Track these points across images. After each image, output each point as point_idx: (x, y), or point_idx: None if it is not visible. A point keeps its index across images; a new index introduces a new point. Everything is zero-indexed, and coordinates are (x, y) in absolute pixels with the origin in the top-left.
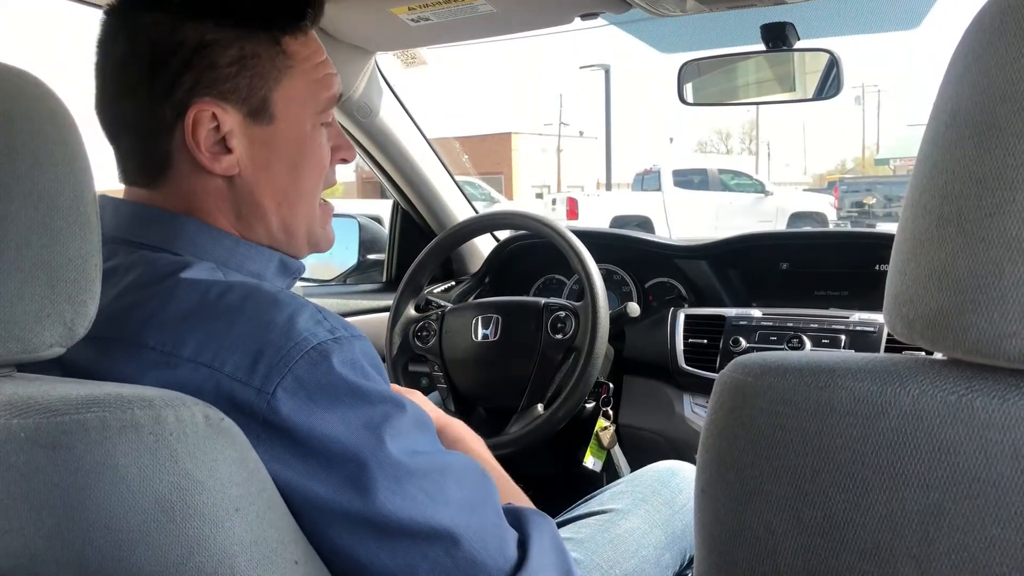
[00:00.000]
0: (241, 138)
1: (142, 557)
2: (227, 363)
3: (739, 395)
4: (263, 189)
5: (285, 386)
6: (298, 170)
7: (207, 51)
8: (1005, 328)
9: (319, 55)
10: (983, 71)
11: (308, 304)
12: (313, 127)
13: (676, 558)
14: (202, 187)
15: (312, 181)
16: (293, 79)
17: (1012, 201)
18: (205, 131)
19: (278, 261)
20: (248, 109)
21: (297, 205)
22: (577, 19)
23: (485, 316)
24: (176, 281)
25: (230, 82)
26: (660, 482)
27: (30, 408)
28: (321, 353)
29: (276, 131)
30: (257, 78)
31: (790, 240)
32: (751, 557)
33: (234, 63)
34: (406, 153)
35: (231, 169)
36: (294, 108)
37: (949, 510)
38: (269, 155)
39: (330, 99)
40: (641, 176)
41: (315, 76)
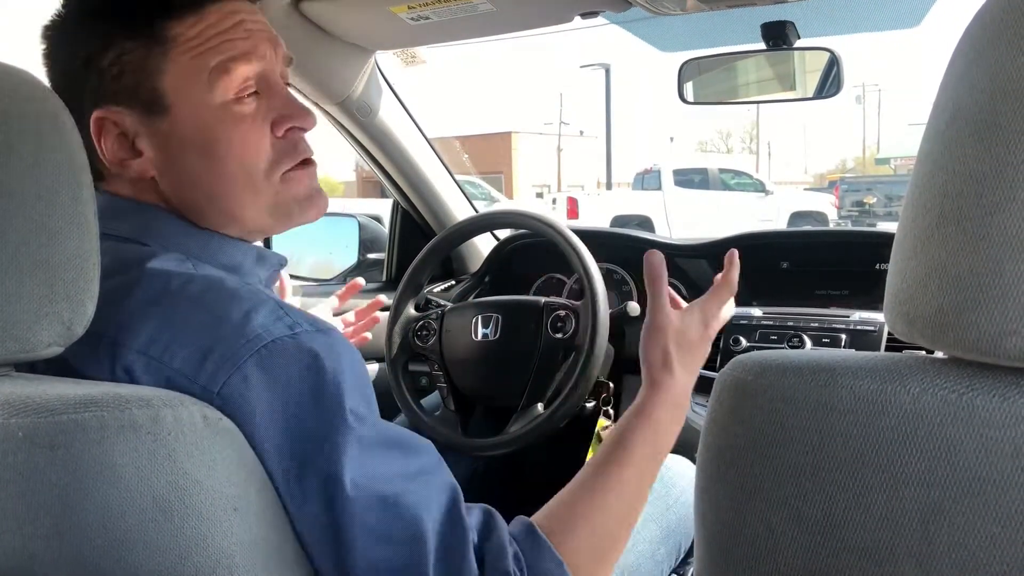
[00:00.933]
0: (147, 139)
1: (140, 557)
2: (176, 357)
3: (739, 394)
4: (184, 185)
5: (232, 384)
6: (213, 155)
7: (92, 62)
8: (1006, 326)
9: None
10: (984, 69)
11: (270, 300)
12: (223, 102)
13: (671, 552)
14: (137, 191)
15: (240, 163)
16: (174, 61)
17: (1012, 199)
18: (111, 138)
19: (255, 253)
20: (141, 106)
21: (230, 194)
22: (577, 18)
23: (485, 315)
24: (140, 271)
25: (115, 84)
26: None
27: (28, 408)
28: (272, 352)
29: (176, 120)
30: (137, 73)
31: (790, 239)
32: (751, 555)
33: (113, 64)
34: (406, 152)
35: (145, 172)
36: (186, 89)
37: (949, 508)
38: (178, 147)
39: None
40: (641, 175)
41: (205, 47)
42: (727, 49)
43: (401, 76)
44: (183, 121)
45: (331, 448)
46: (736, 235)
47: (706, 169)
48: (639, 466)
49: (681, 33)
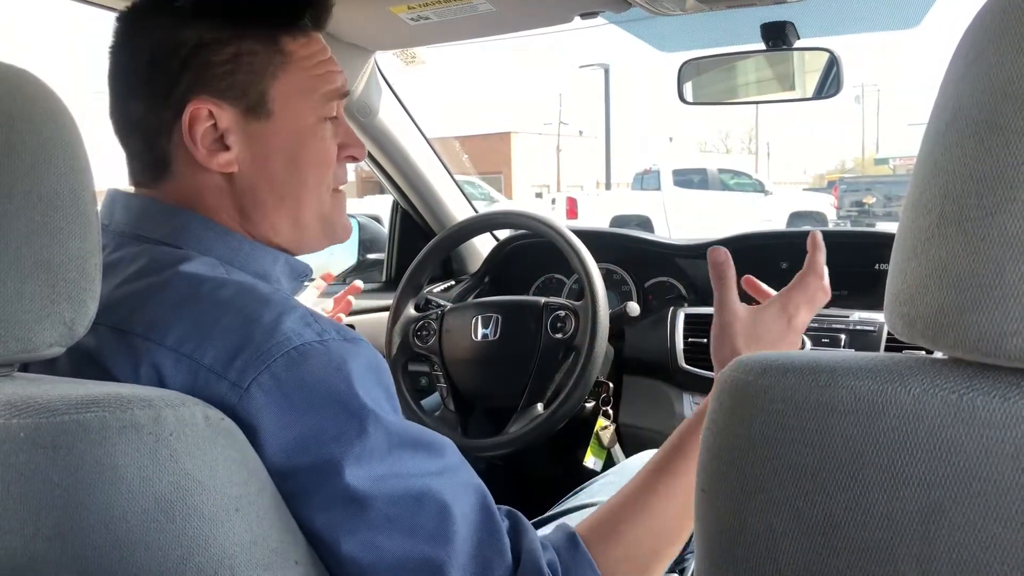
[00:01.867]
0: (239, 135)
1: (142, 557)
2: (207, 355)
3: (739, 394)
4: (263, 185)
5: (260, 383)
6: (298, 164)
7: (203, 51)
8: (1006, 327)
9: (321, 55)
10: (984, 70)
11: (301, 306)
12: (316, 122)
13: None
14: (203, 185)
15: (315, 175)
16: (291, 74)
17: (1013, 200)
18: (202, 129)
19: (283, 262)
20: (246, 105)
21: (302, 199)
22: (577, 18)
23: (485, 315)
24: (173, 273)
25: (226, 80)
26: None
27: (30, 408)
28: (303, 354)
29: (274, 126)
30: (253, 74)
31: (790, 239)
32: (751, 556)
33: (229, 61)
34: (406, 152)
35: (229, 166)
36: (293, 102)
37: (950, 509)
38: (268, 150)
39: (331, 92)
40: (641, 176)
41: (315, 72)
42: (727, 49)
43: (401, 76)
44: (280, 128)
45: (357, 447)
46: (735, 235)
47: (705, 169)
48: (693, 477)
49: (681, 33)
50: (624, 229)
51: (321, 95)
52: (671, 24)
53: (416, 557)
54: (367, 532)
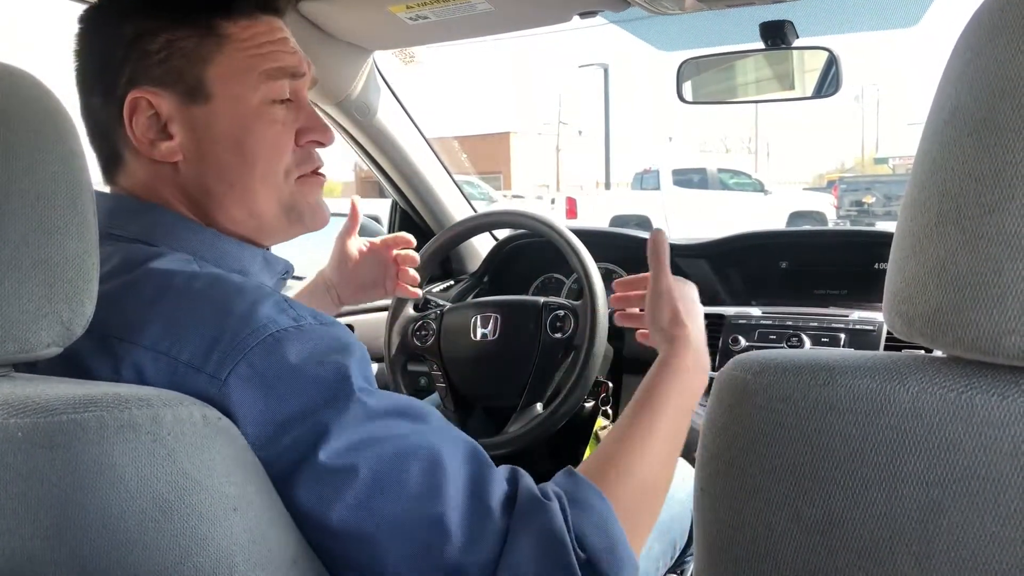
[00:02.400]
0: (181, 123)
1: (140, 557)
2: (184, 351)
3: (738, 393)
4: (210, 172)
5: (239, 373)
6: (244, 149)
7: (140, 41)
8: (1004, 325)
9: (266, 36)
10: (982, 68)
11: (274, 294)
12: (260, 104)
13: (667, 548)
14: (153, 176)
15: (265, 160)
16: (227, 56)
17: (1011, 198)
18: (143, 119)
19: (261, 258)
20: (183, 91)
21: (254, 186)
22: (576, 17)
23: (484, 315)
24: (145, 271)
25: (161, 67)
26: None
27: (27, 408)
28: (279, 340)
29: (214, 110)
30: (186, 59)
31: (789, 239)
32: (751, 555)
33: (163, 48)
34: (404, 152)
35: (172, 155)
36: (231, 85)
37: (949, 507)
38: (211, 136)
39: (275, 71)
40: (640, 175)
41: (254, 52)
42: (726, 48)
43: (400, 76)
44: (221, 112)
45: (339, 420)
46: (735, 235)
47: (705, 169)
48: (671, 415)
49: (680, 32)
50: (623, 229)
51: (261, 73)
52: (670, 23)
53: (413, 515)
54: (357, 497)
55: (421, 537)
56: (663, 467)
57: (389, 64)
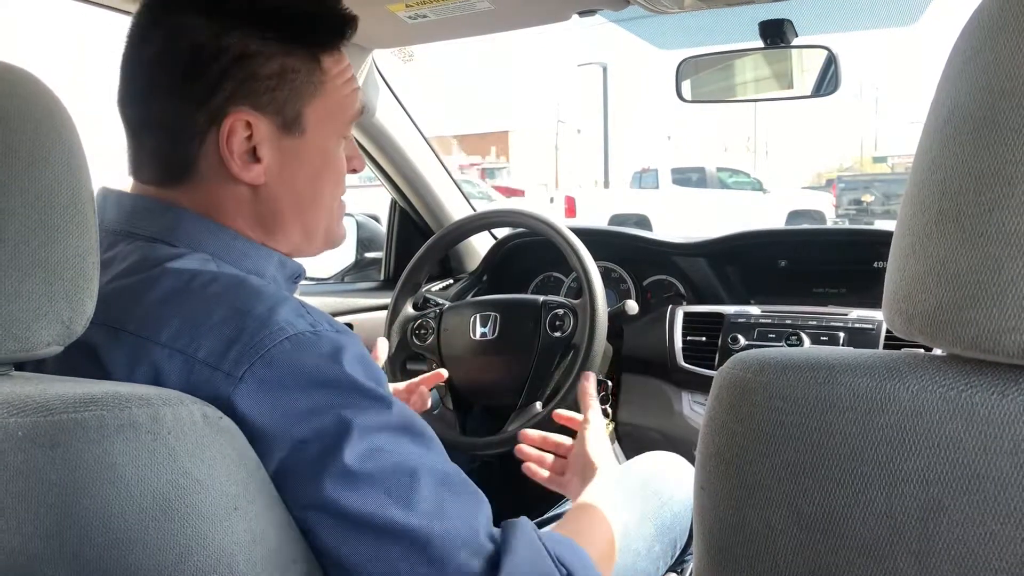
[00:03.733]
0: (271, 149)
1: (140, 556)
2: (201, 348)
3: (738, 391)
4: (286, 198)
5: (255, 372)
6: (319, 181)
7: (249, 61)
8: (1004, 323)
9: (349, 71)
10: (982, 67)
11: (292, 299)
12: (337, 141)
13: (667, 548)
14: (226, 193)
15: (331, 190)
16: (326, 96)
17: (1011, 196)
18: (239, 139)
19: (276, 261)
20: (282, 121)
21: (317, 212)
22: (575, 16)
23: (483, 314)
24: (163, 269)
25: (268, 94)
26: (648, 473)
27: (27, 407)
28: (296, 343)
29: (304, 144)
30: (294, 92)
31: (788, 237)
32: (750, 553)
33: (274, 76)
34: (404, 151)
35: (259, 178)
36: (323, 123)
37: (949, 506)
38: (295, 166)
39: (355, 115)
40: (639, 174)
41: (344, 93)
42: (725, 47)
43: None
44: (310, 146)
45: (363, 422)
46: (734, 233)
47: (704, 168)
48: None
49: (679, 31)
50: (622, 227)
51: (347, 118)
52: (669, 22)
53: (426, 530)
54: (380, 504)
55: (432, 552)
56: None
57: (388, 63)
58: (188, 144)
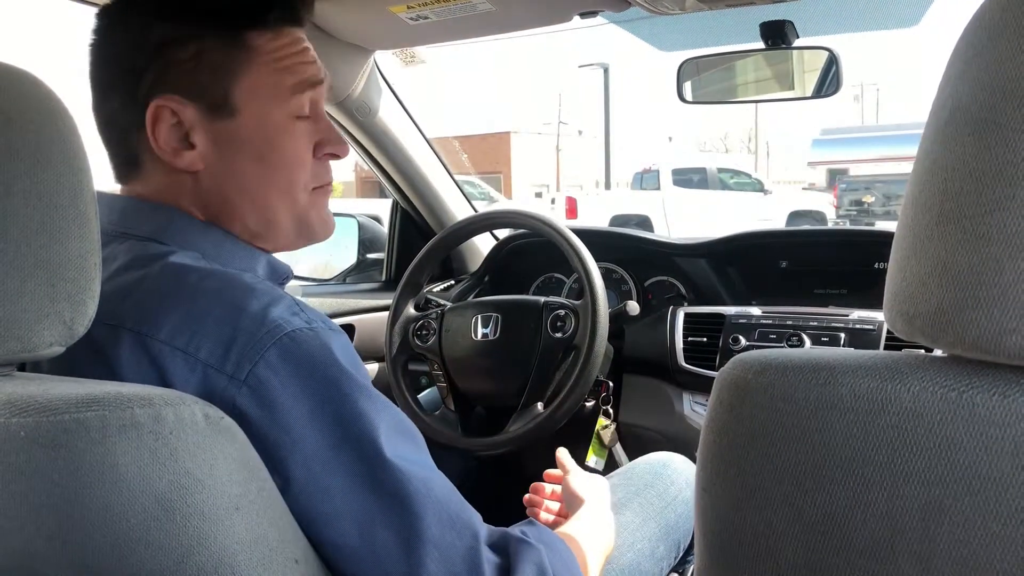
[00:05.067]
0: (203, 134)
1: (142, 556)
2: (201, 348)
3: (739, 392)
4: (230, 184)
5: (257, 373)
6: (266, 164)
7: (167, 49)
8: (1005, 324)
9: (291, 48)
10: (983, 68)
11: (287, 296)
12: (285, 119)
13: (671, 549)
14: (172, 182)
15: (286, 175)
16: (255, 71)
17: (1012, 197)
18: (166, 127)
19: (265, 262)
20: (209, 103)
21: (272, 199)
22: (576, 17)
23: (485, 315)
24: (160, 265)
25: (188, 77)
26: (653, 474)
27: (30, 407)
28: (294, 340)
29: (240, 125)
30: (215, 72)
31: (789, 238)
32: (752, 554)
33: (192, 59)
34: (405, 152)
35: (194, 164)
36: (258, 100)
37: (950, 507)
38: (234, 149)
39: (299, 84)
40: (640, 175)
41: (281, 66)
42: (726, 48)
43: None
44: (246, 126)
45: (366, 422)
46: (735, 234)
47: (705, 168)
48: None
49: (680, 32)
50: (624, 228)
51: (287, 88)
52: (670, 23)
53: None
54: (368, 503)
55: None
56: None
57: (390, 64)
58: (130, 138)
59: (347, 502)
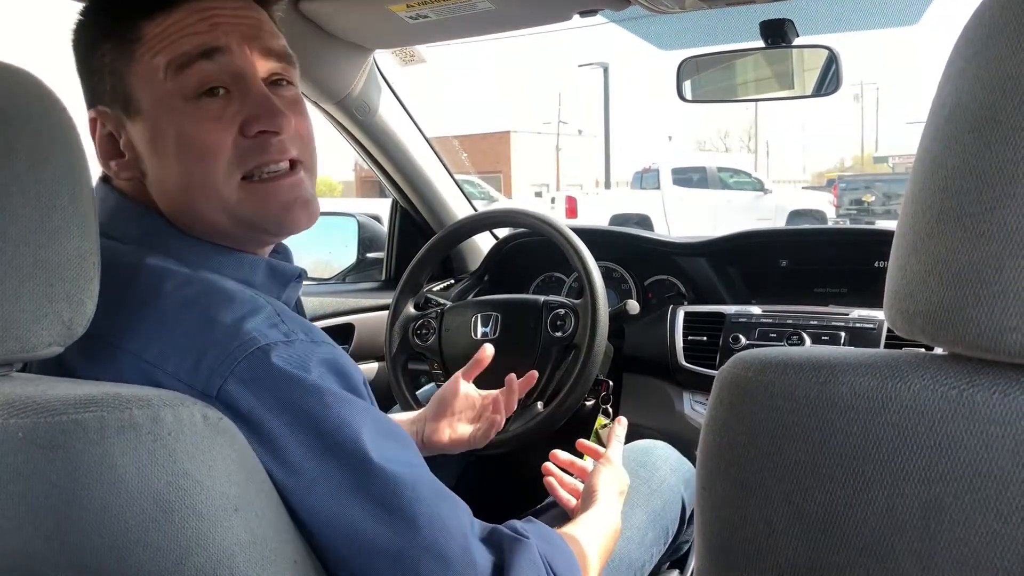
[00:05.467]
0: (126, 140)
1: (141, 557)
2: (169, 361)
3: (739, 391)
4: (165, 186)
5: (228, 389)
6: (176, 153)
7: (90, 59)
8: (1006, 322)
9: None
10: (983, 66)
11: (267, 307)
12: (181, 102)
13: (659, 536)
14: (133, 190)
15: (203, 163)
16: (139, 60)
17: (1012, 195)
18: (101, 139)
19: (264, 266)
20: (120, 106)
21: (194, 197)
22: (576, 16)
23: (484, 314)
24: (135, 272)
25: (101, 84)
26: (637, 462)
27: (28, 408)
28: (266, 353)
29: (147, 120)
30: (114, 72)
31: (789, 237)
32: (752, 552)
33: (102, 64)
34: (405, 151)
35: (132, 173)
36: (151, 88)
37: (950, 505)
38: (154, 148)
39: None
40: (640, 174)
41: (161, 47)
42: (726, 47)
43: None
44: (153, 121)
45: (349, 430)
46: (735, 233)
47: (705, 168)
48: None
49: (680, 31)
50: (624, 227)
51: (167, 67)
52: (670, 22)
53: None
54: (355, 509)
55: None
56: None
57: (389, 64)
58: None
59: (337, 509)
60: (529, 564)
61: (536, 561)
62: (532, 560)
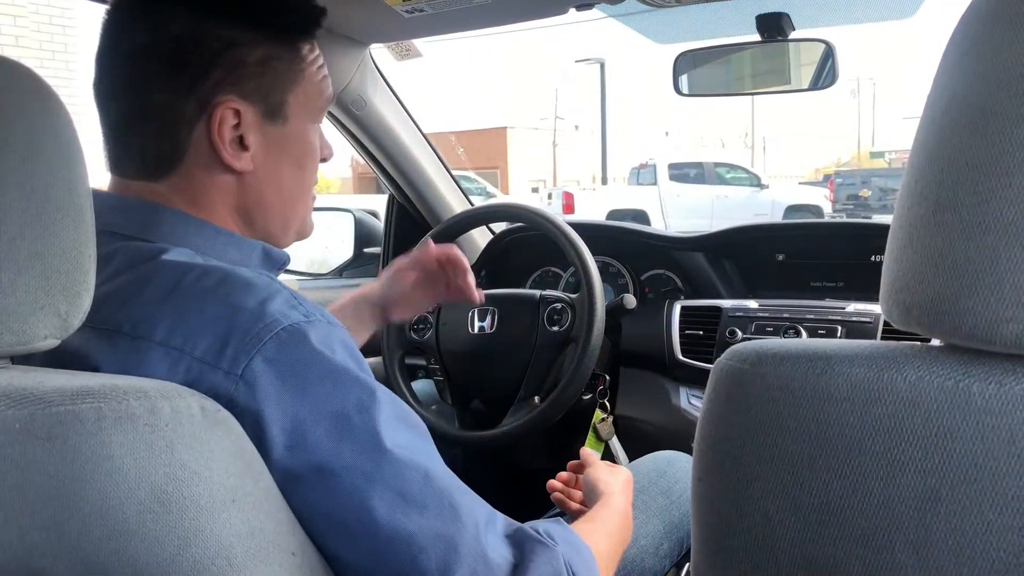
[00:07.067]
0: (257, 137)
1: (138, 548)
2: (197, 346)
3: (735, 383)
4: (270, 187)
5: (254, 367)
6: (301, 169)
7: (234, 50)
8: (1001, 313)
9: (321, 58)
10: (978, 58)
11: (284, 290)
12: (314, 128)
13: (675, 547)
14: (212, 182)
15: (310, 179)
16: (305, 83)
17: (1008, 186)
18: (227, 127)
19: (261, 250)
20: (265, 109)
21: (298, 202)
22: (572, 10)
23: (481, 309)
24: (154, 265)
25: (254, 82)
26: (657, 472)
27: (25, 399)
28: (292, 334)
29: (287, 131)
30: (278, 80)
31: (786, 231)
32: (748, 544)
33: (260, 64)
34: (401, 146)
35: (248, 166)
36: (303, 110)
37: (946, 495)
38: (280, 154)
39: (328, 101)
40: (637, 170)
41: (319, 79)
42: (722, 41)
43: (395, 70)
44: (292, 133)
45: (366, 413)
46: (731, 227)
47: (701, 163)
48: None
49: (676, 25)
50: (620, 222)
51: (321, 104)
52: (667, 16)
53: (417, 530)
54: (374, 498)
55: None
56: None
57: (385, 59)
58: (176, 134)
59: (348, 495)
60: (551, 572)
61: (560, 569)
62: (555, 568)
